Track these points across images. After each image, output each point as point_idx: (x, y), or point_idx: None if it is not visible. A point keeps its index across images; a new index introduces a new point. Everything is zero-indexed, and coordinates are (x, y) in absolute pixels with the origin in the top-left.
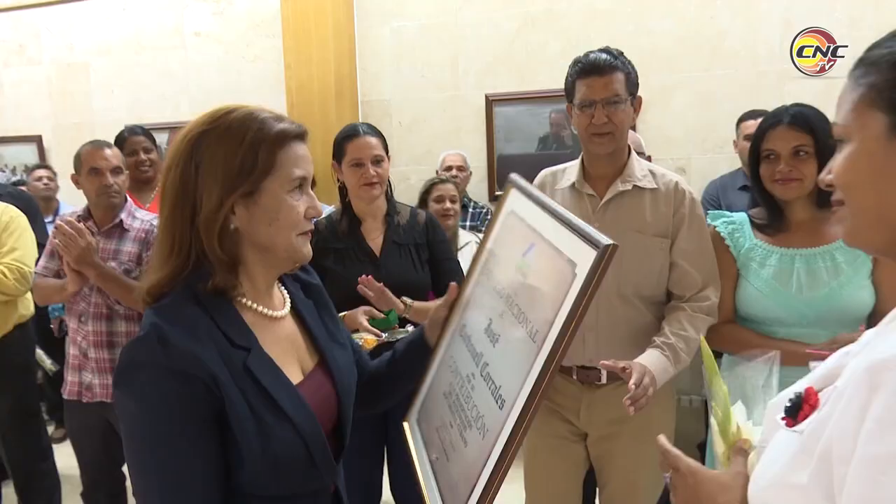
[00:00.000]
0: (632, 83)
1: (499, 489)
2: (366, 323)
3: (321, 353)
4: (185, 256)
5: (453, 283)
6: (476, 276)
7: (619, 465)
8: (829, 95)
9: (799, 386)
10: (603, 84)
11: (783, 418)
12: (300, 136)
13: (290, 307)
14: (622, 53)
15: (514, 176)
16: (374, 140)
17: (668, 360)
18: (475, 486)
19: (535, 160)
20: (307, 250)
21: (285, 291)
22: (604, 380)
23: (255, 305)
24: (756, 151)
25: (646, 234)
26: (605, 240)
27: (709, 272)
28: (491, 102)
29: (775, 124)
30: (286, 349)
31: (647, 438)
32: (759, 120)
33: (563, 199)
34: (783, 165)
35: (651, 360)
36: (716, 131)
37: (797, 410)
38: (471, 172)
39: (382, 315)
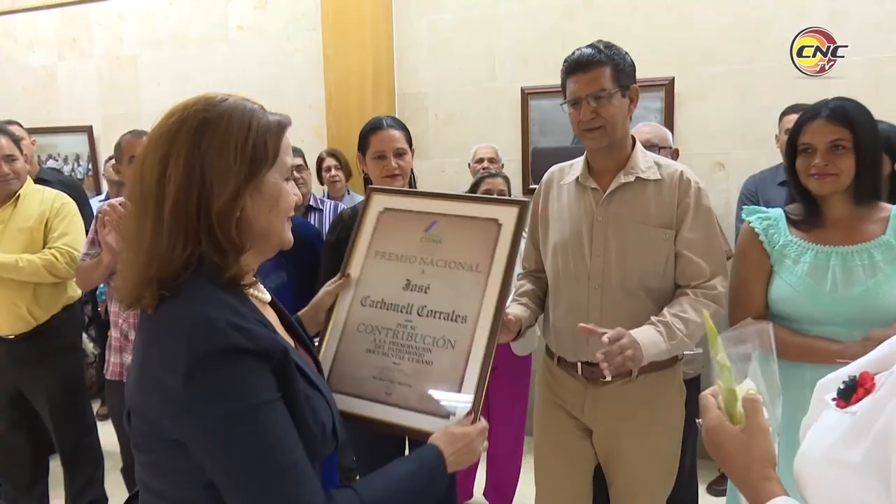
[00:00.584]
0: (623, 74)
1: (491, 369)
2: None
3: (296, 333)
4: (193, 247)
5: (349, 273)
6: (361, 261)
7: (624, 463)
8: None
9: (853, 369)
10: (587, 80)
11: (834, 399)
12: (289, 126)
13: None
14: (611, 45)
15: (372, 186)
16: (397, 133)
17: (659, 334)
18: (463, 378)
19: (569, 153)
20: (290, 236)
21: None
22: (609, 377)
23: (254, 291)
24: (793, 145)
25: (649, 225)
26: (521, 199)
27: (716, 263)
28: (526, 95)
29: (813, 117)
30: (279, 330)
31: (653, 436)
32: None
33: (569, 193)
34: (819, 159)
35: (639, 330)
36: (756, 126)
37: (851, 393)
38: (503, 165)
39: None
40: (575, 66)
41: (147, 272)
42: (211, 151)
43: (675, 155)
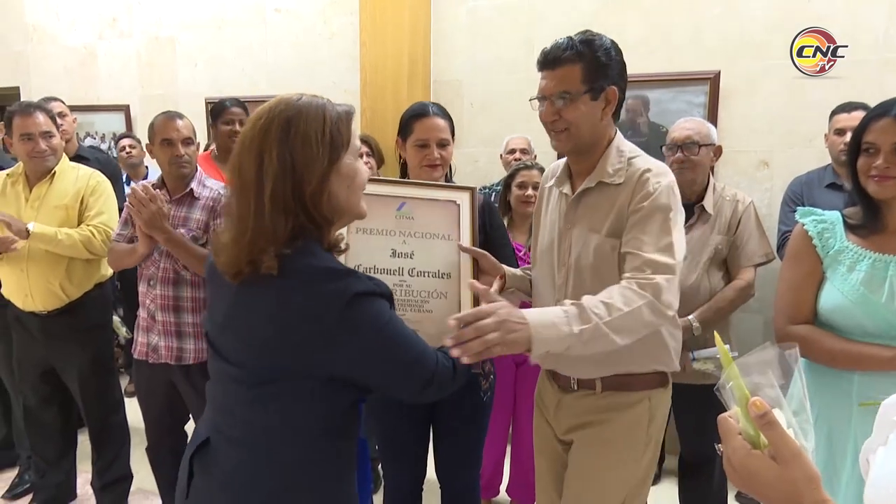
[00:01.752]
0: (598, 74)
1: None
2: None
3: None
4: (294, 222)
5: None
6: (346, 236)
7: (571, 475)
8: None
9: None
10: (554, 78)
11: None
12: (354, 113)
13: None
14: (590, 40)
15: None
16: (442, 122)
17: (564, 315)
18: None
19: None
20: (365, 207)
21: None
22: (575, 386)
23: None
24: (857, 143)
25: (601, 234)
26: (471, 186)
27: (658, 258)
28: None
29: (880, 116)
30: None
31: (602, 455)
32: (853, 113)
33: (552, 195)
34: (881, 161)
35: (539, 310)
36: (805, 124)
37: None
38: (535, 156)
39: None
40: (544, 62)
41: (256, 246)
42: (297, 144)
43: (717, 152)
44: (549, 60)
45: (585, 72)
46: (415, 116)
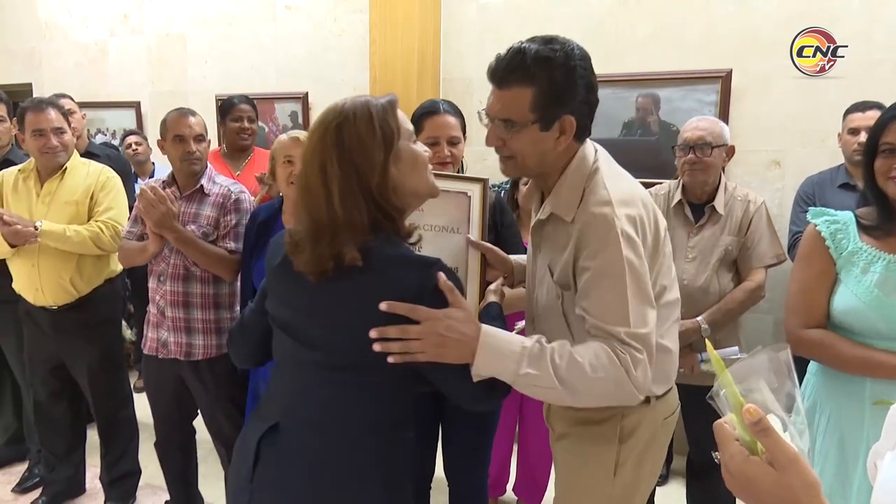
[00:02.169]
0: (552, 99)
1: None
2: None
3: None
4: (366, 218)
5: None
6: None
7: (557, 480)
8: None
9: None
10: (499, 99)
11: None
12: (397, 102)
13: None
14: (547, 58)
15: None
16: (452, 120)
17: (521, 351)
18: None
19: (616, 146)
20: (436, 185)
21: None
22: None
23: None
24: (874, 144)
25: (552, 276)
26: (483, 177)
27: (617, 319)
28: None
29: None
30: None
31: (576, 468)
32: (868, 113)
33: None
34: None
35: (506, 335)
36: (817, 123)
37: None
38: None
39: None
40: (491, 77)
41: (336, 244)
42: (353, 146)
43: (730, 152)
44: (497, 77)
45: (537, 97)
46: (425, 114)
